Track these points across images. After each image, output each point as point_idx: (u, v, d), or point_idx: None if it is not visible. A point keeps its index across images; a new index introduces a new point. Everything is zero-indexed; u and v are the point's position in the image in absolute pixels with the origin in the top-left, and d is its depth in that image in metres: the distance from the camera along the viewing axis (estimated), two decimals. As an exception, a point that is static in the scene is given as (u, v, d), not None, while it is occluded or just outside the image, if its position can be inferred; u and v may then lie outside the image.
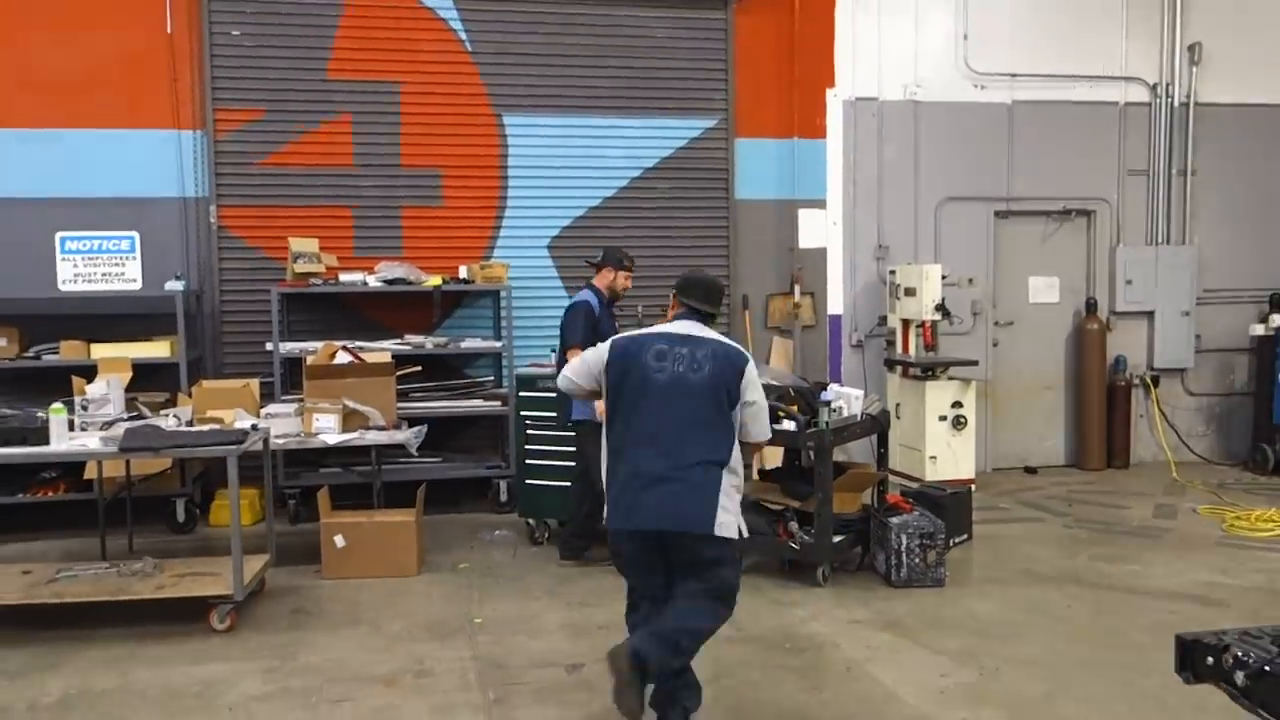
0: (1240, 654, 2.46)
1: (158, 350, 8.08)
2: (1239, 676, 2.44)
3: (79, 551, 7.21)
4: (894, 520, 6.57)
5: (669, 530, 4.20)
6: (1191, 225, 10.40)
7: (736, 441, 4.31)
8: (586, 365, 4.47)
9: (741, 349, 4.42)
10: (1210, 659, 2.55)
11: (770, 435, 4.53)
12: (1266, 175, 10.48)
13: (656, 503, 4.18)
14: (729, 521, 4.21)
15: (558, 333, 7.17)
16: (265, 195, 8.83)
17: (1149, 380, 10.35)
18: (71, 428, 6.03)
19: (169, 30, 8.56)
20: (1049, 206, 10.16)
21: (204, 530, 8.08)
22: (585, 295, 6.99)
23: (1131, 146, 10.23)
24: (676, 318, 4.51)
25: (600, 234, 9.30)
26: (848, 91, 9.77)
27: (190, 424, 6.42)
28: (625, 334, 4.50)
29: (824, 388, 6.89)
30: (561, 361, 6.58)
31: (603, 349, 4.43)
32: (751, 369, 4.35)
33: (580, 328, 6.78)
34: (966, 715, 4.63)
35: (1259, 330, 10.22)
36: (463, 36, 9.11)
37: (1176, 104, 10.25)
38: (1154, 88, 10.22)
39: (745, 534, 4.35)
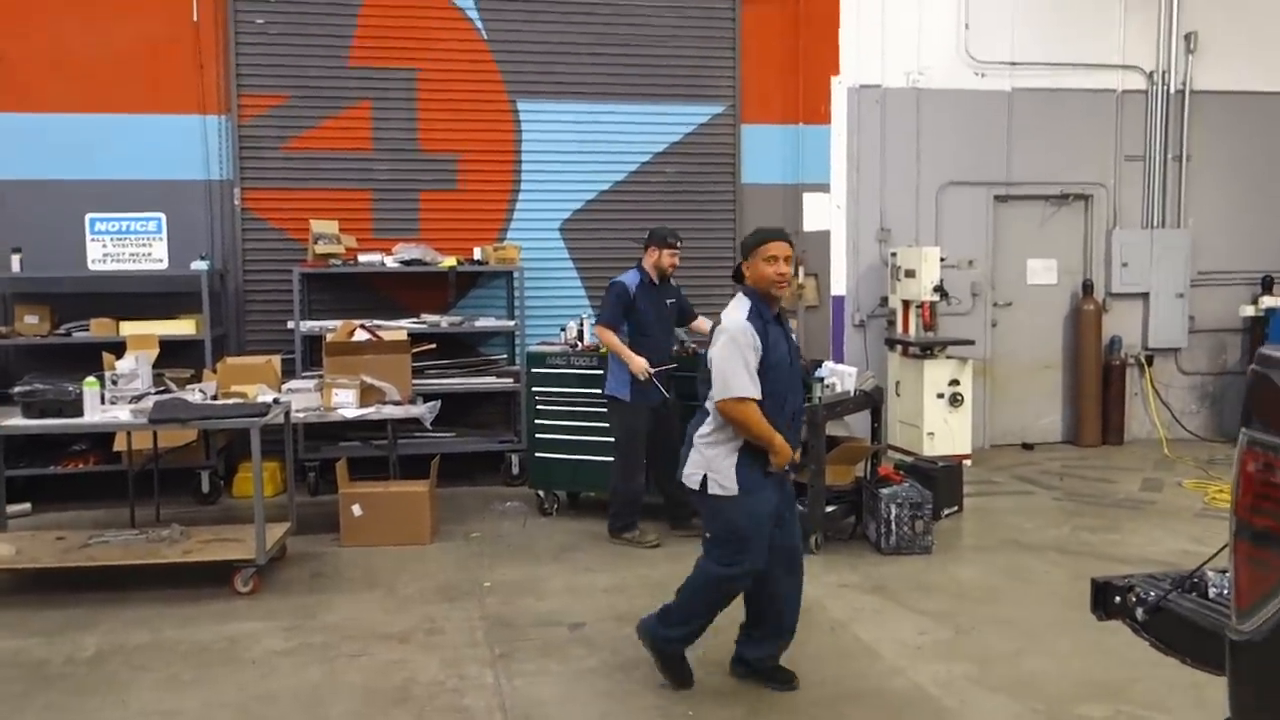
0: (1141, 593, 2.77)
1: (184, 328, 8.40)
2: (1139, 613, 2.76)
3: (108, 520, 7.51)
4: (884, 491, 6.87)
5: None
6: (1186, 209, 10.63)
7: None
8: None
9: (731, 315, 4.49)
10: (1118, 598, 2.86)
11: (724, 397, 4.39)
12: (1259, 161, 10.70)
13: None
14: (693, 475, 4.56)
15: (568, 313, 7.43)
16: (288, 178, 9.16)
17: (1144, 360, 10.60)
18: (102, 401, 6.34)
19: (195, 19, 8.88)
20: (1047, 191, 10.41)
21: (227, 501, 8.43)
22: (626, 275, 7.21)
23: (1128, 133, 10.46)
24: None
25: (611, 217, 9.64)
26: (852, 79, 10.01)
27: (215, 398, 6.73)
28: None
29: (819, 365, 7.19)
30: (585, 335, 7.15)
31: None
32: (722, 333, 4.45)
33: (610, 306, 7.09)
34: (939, 669, 4.96)
35: (1250, 311, 10.48)
36: (479, 25, 9.40)
37: (1172, 91, 10.47)
38: (1150, 75, 10.44)
39: (721, 489, 4.46)
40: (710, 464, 4.50)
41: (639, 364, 6.94)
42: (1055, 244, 10.58)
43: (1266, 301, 10.30)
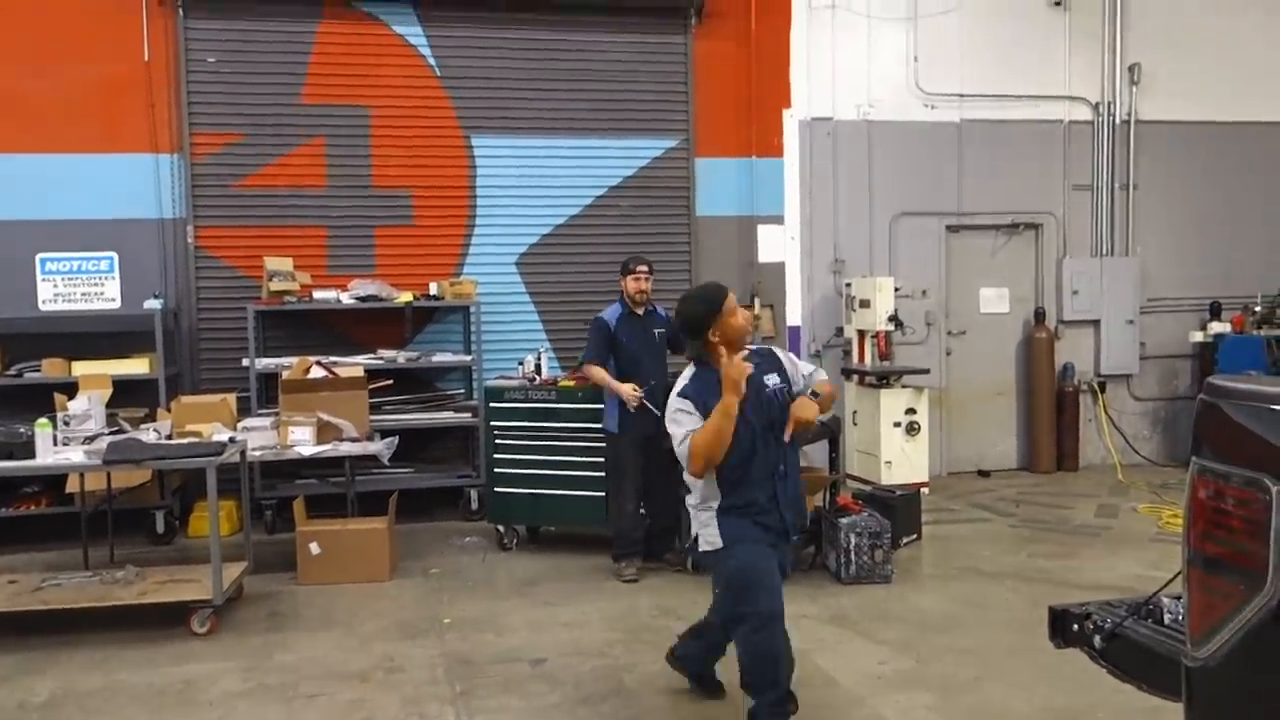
0: (1098, 620, 2.81)
1: (137, 367, 8.32)
2: (1096, 640, 2.80)
3: (61, 562, 7.41)
4: (843, 520, 6.90)
5: None
6: (1134, 237, 10.83)
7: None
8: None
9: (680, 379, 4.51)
10: (1075, 625, 2.90)
11: (682, 461, 4.37)
12: (1205, 189, 10.92)
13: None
14: (694, 538, 4.61)
15: (526, 346, 7.43)
16: (241, 216, 9.11)
17: (1096, 386, 10.74)
18: (55, 443, 6.25)
19: (146, 58, 8.84)
20: (998, 220, 10.57)
21: (182, 541, 8.32)
22: (608, 310, 7.29)
23: (1076, 162, 10.66)
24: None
25: (566, 251, 9.66)
26: (803, 112, 10.13)
27: (170, 437, 6.65)
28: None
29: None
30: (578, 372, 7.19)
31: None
32: (673, 399, 4.43)
33: (593, 343, 7.17)
34: (900, 698, 4.98)
35: (1199, 337, 10.68)
36: (431, 62, 9.42)
37: (1118, 121, 10.68)
38: (1096, 106, 10.66)
39: (709, 545, 4.46)
40: (699, 526, 4.49)
41: (625, 391, 6.97)
42: (1007, 273, 10.73)
43: (1215, 327, 10.49)
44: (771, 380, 4.44)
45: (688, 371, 4.48)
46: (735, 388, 4.17)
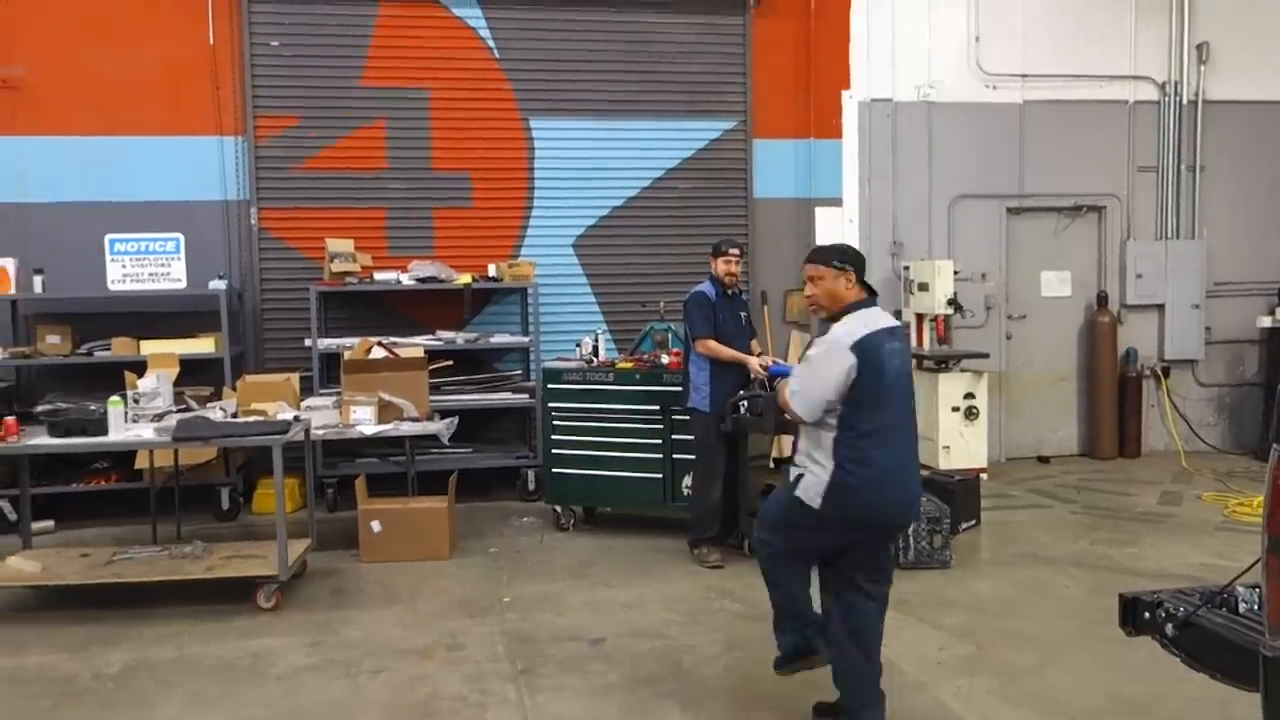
0: (1171, 608, 2.79)
1: (203, 346, 8.47)
2: (1169, 628, 2.77)
3: (130, 537, 7.56)
4: (902, 505, 6.86)
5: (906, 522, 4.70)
6: (1200, 220, 10.61)
7: None
8: (825, 384, 4.09)
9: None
10: (1147, 614, 2.88)
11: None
12: (1273, 171, 10.67)
13: (914, 496, 4.39)
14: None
15: (583, 328, 7.43)
16: (303, 198, 9.25)
17: (1160, 371, 10.57)
18: (125, 420, 6.37)
19: (211, 41, 8.99)
20: (1060, 203, 10.41)
21: (246, 517, 8.48)
22: (701, 285, 7.19)
23: (1141, 144, 10.45)
24: (861, 305, 4.26)
25: (624, 233, 9.70)
26: (863, 93, 10.01)
27: (235, 416, 6.76)
28: (855, 338, 4.10)
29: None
30: (687, 348, 7.09)
31: (839, 360, 4.07)
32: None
33: (699, 318, 7.00)
34: (960, 683, 4.96)
35: (1267, 322, 10.46)
36: (491, 44, 9.47)
37: (1185, 102, 10.46)
38: (1163, 86, 10.44)
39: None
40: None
41: (754, 363, 6.90)
42: (1069, 256, 10.58)
43: (1283, 312, 10.29)
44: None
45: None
46: None
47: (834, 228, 10.06)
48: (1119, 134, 10.43)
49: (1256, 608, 2.74)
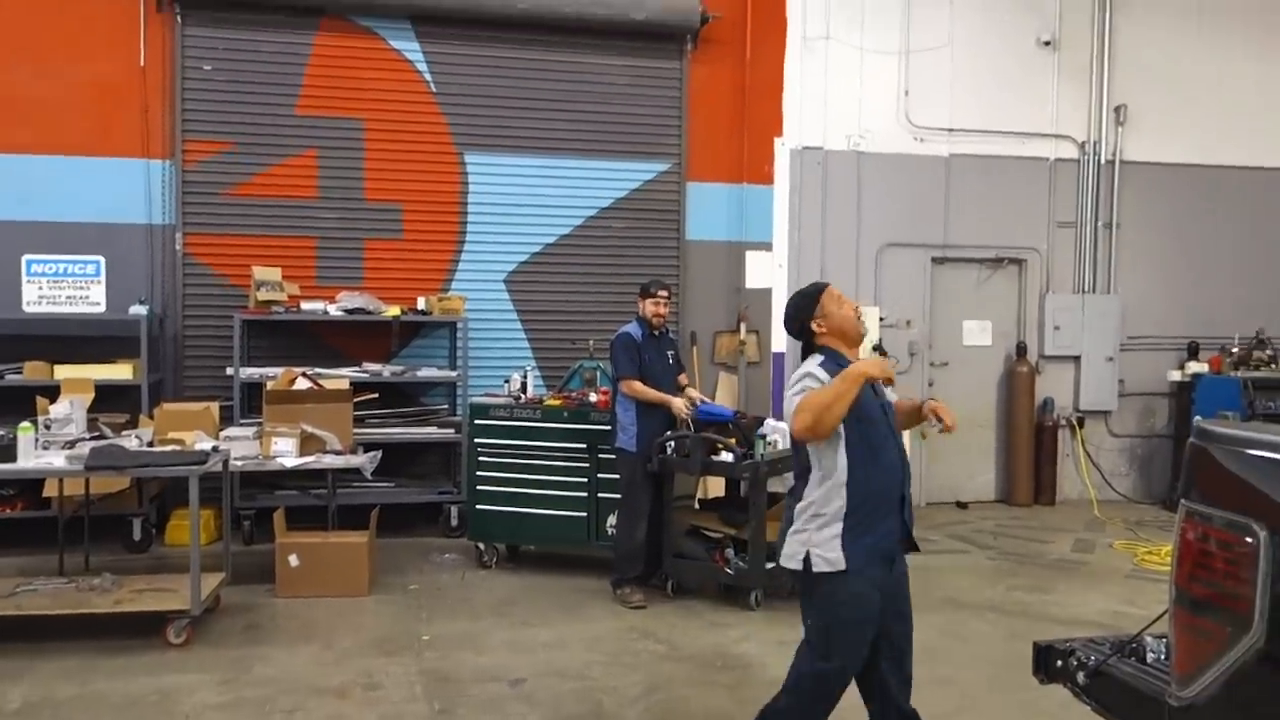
0: (1082, 657, 2.85)
1: (120, 372, 8.28)
2: (1080, 676, 2.83)
3: (36, 568, 7.33)
4: (824, 549, 6.90)
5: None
6: (1116, 275, 10.94)
7: None
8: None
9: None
10: (1059, 662, 2.94)
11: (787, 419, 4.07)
12: (1186, 229, 11.05)
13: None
14: (794, 555, 4.10)
15: (512, 364, 7.40)
16: (231, 224, 9.11)
17: (1075, 421, 10.83)
18: (35, 446, 6.19)
19: (142, 63, 8.85)
20: (983, 254, 10.67)
21: (159, 549, 8.25)
22: (628, 326, 7.26)
23: (1061, 200, 10.77)
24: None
25: (556, 270, 9.71)
26: (795, 140, 10.20)
27: (151, 445, 6.63)
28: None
29: (762, 422, 7.27)
30: (614, 388, 7.10)
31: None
32: (804, 371, 4.05)
33: (624, 359, 7.07)
34: (878, 728, 4.98)
35: (1177, 376, 10.79)
36: (428, 78, 9.46)
37: (1103, 161, 10.81)
38: (1082, 145, 10.78)
39: (826, 566, 4.03)
40: (811, 537, 3.97)
41: (678, 403, 7.00)
42: (990, 306, 10.82)
43: (1193, 367, 10.60)
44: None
45: (813, 359, 4.09)
46: (877, 365, 3.93)
47: (764, 271, 10.19)
48: (1040, 190, 10.73)
49: (1163, 658, 2.81)
